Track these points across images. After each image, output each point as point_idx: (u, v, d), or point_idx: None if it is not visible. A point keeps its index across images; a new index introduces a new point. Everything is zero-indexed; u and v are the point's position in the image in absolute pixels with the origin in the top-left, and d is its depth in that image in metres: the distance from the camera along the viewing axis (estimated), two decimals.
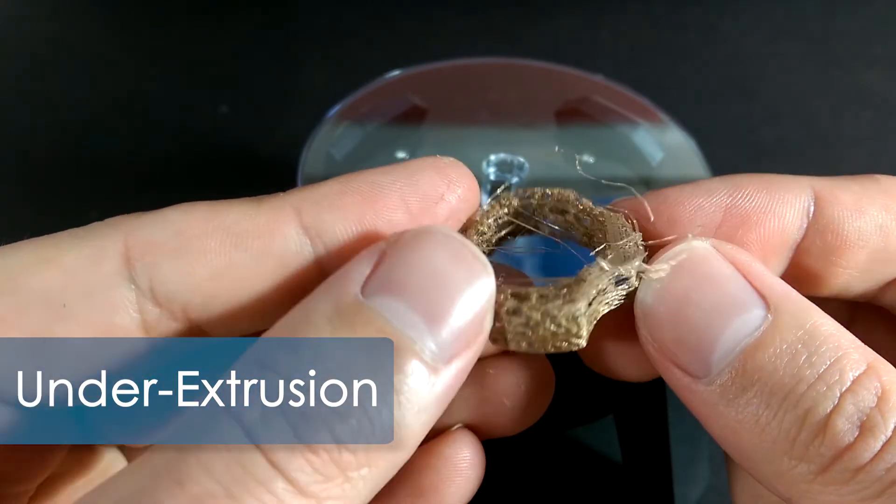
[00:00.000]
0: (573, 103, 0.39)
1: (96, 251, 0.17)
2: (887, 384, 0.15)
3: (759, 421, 0.16)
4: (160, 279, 0.17)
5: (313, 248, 0.17)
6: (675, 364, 0.17)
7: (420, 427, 0.15)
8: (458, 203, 0.18)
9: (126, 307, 0.17)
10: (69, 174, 0.47)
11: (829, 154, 0.49)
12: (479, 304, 0.16)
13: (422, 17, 0.58)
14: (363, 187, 0.18)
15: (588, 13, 0.58)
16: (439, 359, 0.15)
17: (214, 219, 0.17)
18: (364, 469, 0.14)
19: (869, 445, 0.15)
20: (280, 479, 0.13)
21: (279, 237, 0.17)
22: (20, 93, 0.53)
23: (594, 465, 0.33)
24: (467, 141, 0.38)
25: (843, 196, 0.19)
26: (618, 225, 0.19)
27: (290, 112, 0.50)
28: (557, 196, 0.20)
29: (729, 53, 0.56)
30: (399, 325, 0.15)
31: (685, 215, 0.19)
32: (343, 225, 0.17)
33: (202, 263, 0.17)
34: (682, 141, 0.37)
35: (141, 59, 0.56)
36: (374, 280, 0.15)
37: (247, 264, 0.17)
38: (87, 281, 0.16)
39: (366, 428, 0.14)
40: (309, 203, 0.17)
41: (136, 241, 0.17)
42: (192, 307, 0.17)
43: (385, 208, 0.18)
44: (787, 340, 0.16)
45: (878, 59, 0.55)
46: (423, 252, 0.16)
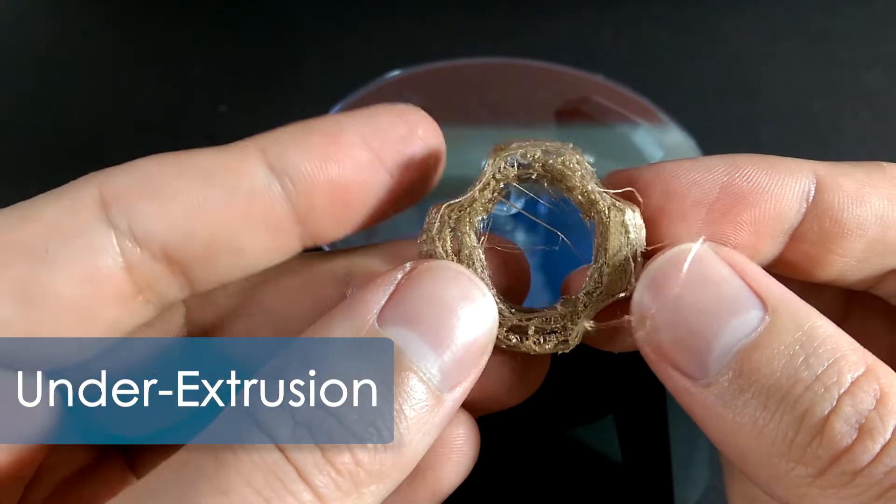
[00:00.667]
0: (573, 103, 0.39)
1: (73, 202, 0.17)
2: (886, 387, 0.15)
3: (757, 422, 0.16)
4: (137, 219, 0.17)
5: (280, 185, 0.18)
6: (673, 366, 0.17)
7: (423, 448, 0.16)
8: (419, 142, 0.19)
9: (107, 249, 0.17)
10: (69, 174, 0.47)
11: (829, 154, 0.49)
12: (482, 339, 0.17)
13: (421, 16, 0.58)
14: (326, 127, 0.19)
15: (588, 13, 0.58)
16: (444, 387, 0.16)
17: (183, 162, 0.18)
18: (374, 486, 0.15)
19: (867, 448, 0.15)
20: (308, 491, 0.14)
21: (247, 175, 0.18)
22: (20, 93, 0.53)
23: (594, 465, 0.33)
24: (467, 141, 0.38)
25: (846, 182, 0.19)
26: (621, 231, 0.18)
27: (290, 112, 0.50)
28: (560, 168, 0.19)
29: (729, 53, 0.56)
30: (409, 353, 0.16)
31: (680, 189, 0.19)
32: (308, 162, 0.18)
33: (175, 202, 0.17)
34: (682, 141, 0.37)
35: (141, 58, 0.56)
36: (389, 310, 0.17)
37: (218, 201, 0.18)
38: (67, 229, 0.17)
39: (380, 450, 0.15)
40: (273, 143, 0.18)
41: (110, 188, 0.17)
42: (171, 246, 0.18)
43: (347, 145, 0.18)
44: (785, 342, 0.16)
45: (878, 58, 0.55)
46: (436, 288, 0.17)
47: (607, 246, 0.18)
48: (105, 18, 0.59)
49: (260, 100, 0.52)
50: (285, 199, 0.18)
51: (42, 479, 0.19)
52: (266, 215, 0.18)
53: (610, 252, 0.18)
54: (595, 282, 0.19)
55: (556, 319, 0.19)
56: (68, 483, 0.20)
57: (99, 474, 0.21)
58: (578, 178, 0.19)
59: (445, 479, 0.20)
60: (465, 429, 0.20)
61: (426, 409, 0.16)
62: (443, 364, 0.16)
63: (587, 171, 0.19)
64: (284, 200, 0.18)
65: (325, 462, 0.15)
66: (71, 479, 0.20)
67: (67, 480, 0.20)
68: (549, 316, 0.19)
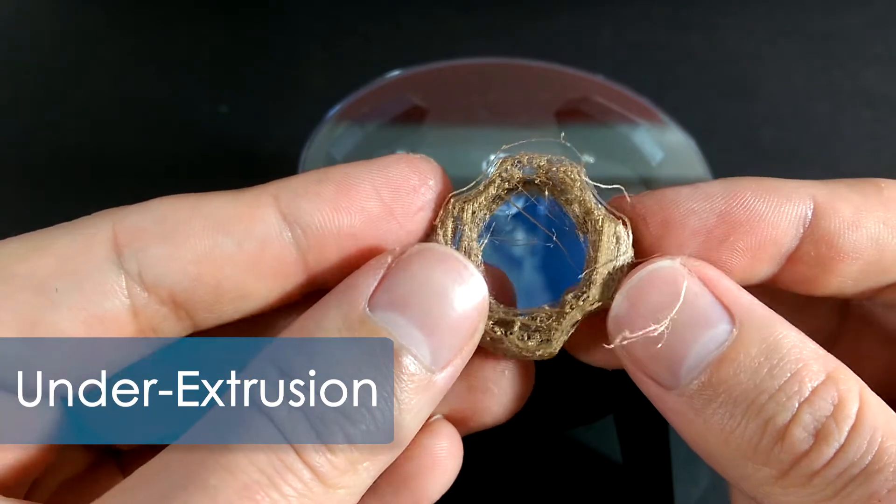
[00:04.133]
0: (573, 103, 0.39)
1: (86, 238, 0.17)
2: (844, 393, 0.16)
3: (725, 429, 0.17)
4: (148, 263, 0.17)
5: (292, 233, 0.18)
6: (647, 375, 0.18)
7: (416, 426, 0.17)
8: (430, 194, 0.19)
9: (116, 292, 0.17)
10: (69, 174, 0.47)
11: (829, 154, 0.49)
12: (472, 318, 0.18)
13: (422, 16, 0.58)
14: (338, 177, 0.19)
15: (588, 13, 0.58)
16: (434, 366, 0.17)
17: (197, 206, 0.18)
18: (367, 462, 0.16)
19: (823, 453, 0.16)
20: (307, 470, 0.15)
21: (259, 222, 0.18)
22: (20, 93, 0.53)
23: (594, 465, 0.33)
24: (467, 141, 0.38)
25: (842, 208, 0.19)
26: (612, 241, 0.19)
27: (290, 112, 0.50)
28: (562, 177, 0.20)
29: (729, 53, 0.56)
30: (400, 337, 0.17)
31: (678, 218, 0.19)
32: (319, 212, 0.18)
33: (187, 247, 0.18)
34: (682, 141, 0.37)
35: (141, 58, 0.56)
36: (379, 295, 0.17)
37: (229, 248, 0.18)
38: (77, 267, 0.17)
39: (372, 429, 0.16)
40: (286, 191, 0.19)
41: (124, 228, 0.18)
42: (178, 291, 0.18)
43: (359, 197, 0.19)
44: (751, 354, 0.17)
45: (878, 58, 0.55)
46: (424, 270, 0.17)
47: (598, 255, 0.19)
48: (105, 18, 0.59)
49: (260, 100, 0.52)
50: (296, 247, 0.18)
51: (42, 483, 0.19)
52: (276, 262, 0.18)
53: (601, 261, 0.19)
54: (583, 288, 0.19)
55: (542, 319, 0.20)
56: (65, 487, 0.20)
57: (94, 479, 0.21)
58: (578, 189, 0.20)
59: (429, 488, 0.20)
60: (448, 441, 0.21)
61: (417, 390, 0.17)
62: (433, 345, 0.17)
63: (586, 185, 0.20)
64: (295, 249, 0.18)
65: (321, 443, 0.15)
66: (67, 483, 0.20)
67: (64, 485, 0.20)
68: (536, 315, 0.20)
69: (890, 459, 0.16)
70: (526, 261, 0.29)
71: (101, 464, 0.21)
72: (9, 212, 0.44)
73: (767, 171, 0.20)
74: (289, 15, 0.58)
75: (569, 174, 0.20)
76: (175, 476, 0.15)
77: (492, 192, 0.20)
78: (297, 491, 0.15)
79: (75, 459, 0.21)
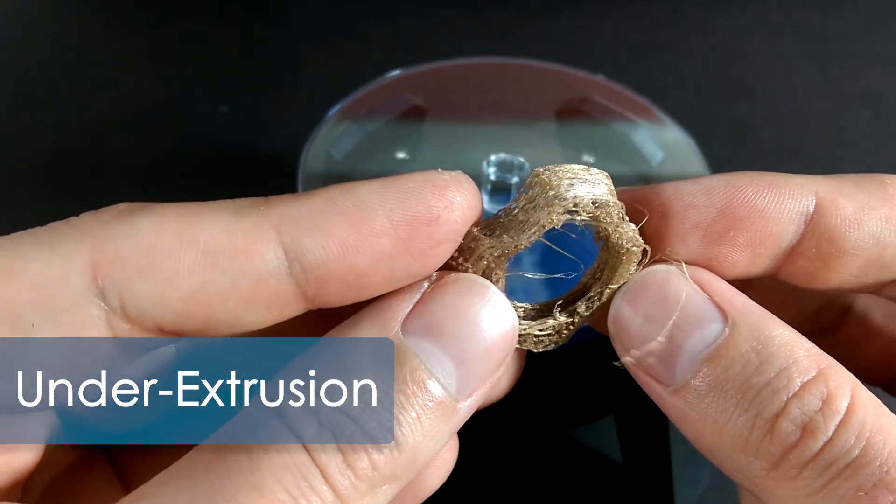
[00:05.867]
0: (573, 103, 0.39)
1: (63, 263, 0.16)
2: (834, 389, 0.17)
3: (718, 422, 0.17)
4: (130, 298, 0.16)
5: (291, 269, 0.17)
6: (646, 373, 0.19)
7: (433, 452, 0.17)
8: (455, 225, 0.18)
9: (96, 325, 0.16)
10: (69, 174, 0.47)
11: (829, 154, 0.49)
12: (502, 351, 0.18)
13: (421, 16, 0.58)
14: (349, 208, 0.17)
15: (588, 13, 0.58)
16: (459, 395, 0.17)
17: (188, 231, 0.16)
18: (386, 486, 0.16)
19: (810, 445, 0.16)
20: (330, 491, 0.15)
21: (257, 258, 0.17)
22: (20, 93, 0.53)
23: (594, 465, 0.33)
24: (467, 140, 0.38)
25: (845, 205, 0.19)
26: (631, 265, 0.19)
27: (290, 112, 0.50)
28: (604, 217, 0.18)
29: (729, 53, 0.56)
30: (429, 364, 0.17)
31: (679, 211, 0.19)
32: (324, 251, 0.17)
33: (174, 285, 0.16)
34: (682, 141, 0.37)
35: (141, 59, 0.56)
36: (413, 320, 0.17)
37: (222, 285, 0.17)
38: (54, 298, 0.16)
39: (396, 456, 0.16)
40: (290, 222, 0.17)
41: (104, 254, 0.16)
42: (164, 323, 0.17)
43: (371, 233, 0.17)
44: (742, 350, 0.17)
45: (878, 58, 0.56)
46: (459, 299, 0.18)
47: (614, 276, 0.19)
48: (105, 18, 0.59)
49: (260, 100, 0.52)
50: (294, 283, 0.17)
51: (32, 483, 0.19)
52: (272, 297, 0.17)
53: (616, 278, 0.19)
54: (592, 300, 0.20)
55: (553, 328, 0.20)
56: (55, 485, 0.20)
57: (84, 476, 0.21)
58: (615, 224, 0.18)
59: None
60: None
61: (442, 418, 0.17)
62: (461, 374, 0.17)
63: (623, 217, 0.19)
64: (293, 284, 0.17)
65: (345, 466, 0.16)
66: (57, 481, 0.20)
67: (54, 482, 0.20)
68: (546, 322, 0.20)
69: (876, 454, 0.16)
70: (524, 257, 0.30)
71: (90, 458, 0.21)
72: (9, 212, 0.44)
73: (767, 171, 0.20)
74: (289, 15, 0.58)
75: (609, 213, 0.18)
76: (201, 487, 0.15)
77: (532, 239, 0.18)
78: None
79: (63, 456, 0.20)
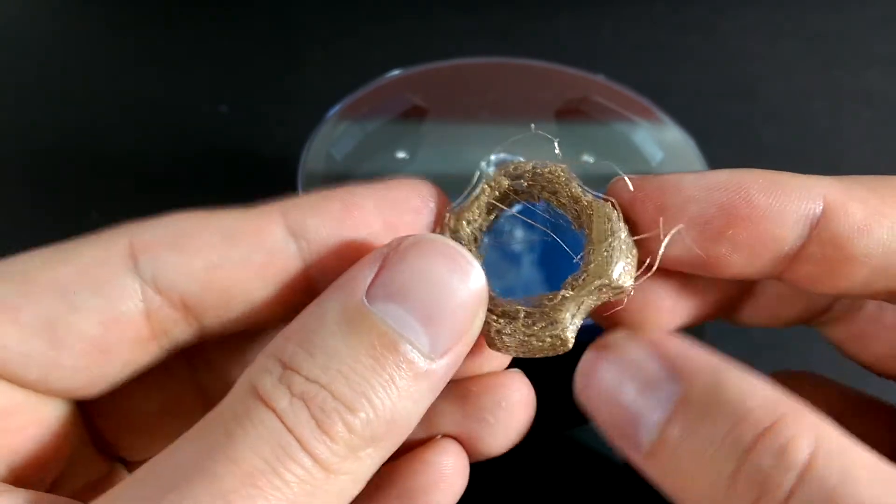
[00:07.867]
0: (573, 103, 0.39)
1: (105, 249, 0.19)
2: (790, 440, 0.16)
3: (684, 486, 0.18)
4: (161, 269, 0.19)
5: (297, 247, 0.19)
6: (620, 443, 0.19)
7: (418, 414, 0.17)
8: (430, 216, 0.20)
9: (131, 296, 0.19)
10: (69, 174, 0.47)
11: (829, 154, 0.49)
12: (470, 305, 0.18)
13: (421, 16, 0.58)
14: (343, 196, 0.20)
15: (588, 13, 0.58)
16: (433, 354, 0.17)
17: (208, 219, 0.19)
18: (370, 449, 0.16)
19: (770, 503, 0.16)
20: (308, 457, 0.16)
21: (267, 235, 0.19)
22: (20, 93, 0.53)
23: (594, 465, 0.33)
24: (467, 140, 0.38)
25: (855, 210, 0.18)
26: (604, 220, 0.19)
27: (290, 112, 0.50)
28: (548, 176, 0.20)
29: (729, 53, 0.56)
30: (398, 328, 0.17)
31: (678, 203, 0.19)
32: (324, 226, 0.19)
33: (198, 256, 0.19)
34: (682, 141, 0.37)
35: (141, 58, 0.56)
36: (376, 286, 0.17)
37: (238, 258, 0.19)
38: (96, 274, 0.18)
39: (371, 417, 0.16)
40: (294, 207, 0.20)
41: (140, 239, 0.19)
42: (189, 296, 0.19)
43: (362, 214, 0.20)
44: (695, 411, 0.17)
45: (878, 58, 0.56)
46: (421, 260, 0.17)
47: (591, 234, 0.19)
48: (105, 19, 0.59)
49: (260, 100, 0.52)
50: (300, 258, 0.19)
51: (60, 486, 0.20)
52: (281, 272, 0.19)
53: (594, 240, 0.19)
54: (582, 269, 0.19)
55: (544, 304, 0.19)
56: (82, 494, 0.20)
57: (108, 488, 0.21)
58: (563, 183, 0.20)
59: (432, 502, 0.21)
60: (454, 458, 0.21)
61: (416, 377, 0.17)
62: (431, 333, 0.17)
63: (571, 178, 0.20)
64: (299, 260, 0.19)
65: (320, 431, 0.16)
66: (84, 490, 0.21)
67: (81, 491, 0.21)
68: (539, 301, 0.20)
69: None
70: (524, 257, 0.30)
71: (116, 473, 0.22)
72: (9, 212, 0.44)
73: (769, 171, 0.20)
74: (289, 15, 0.58)
75: (553, 172, 0.20)
76: (182, 466, 0.15)
77: (483, 201, 0.20)
78: (299, 477, 0.15)
79: (91, 467, 0.21)
